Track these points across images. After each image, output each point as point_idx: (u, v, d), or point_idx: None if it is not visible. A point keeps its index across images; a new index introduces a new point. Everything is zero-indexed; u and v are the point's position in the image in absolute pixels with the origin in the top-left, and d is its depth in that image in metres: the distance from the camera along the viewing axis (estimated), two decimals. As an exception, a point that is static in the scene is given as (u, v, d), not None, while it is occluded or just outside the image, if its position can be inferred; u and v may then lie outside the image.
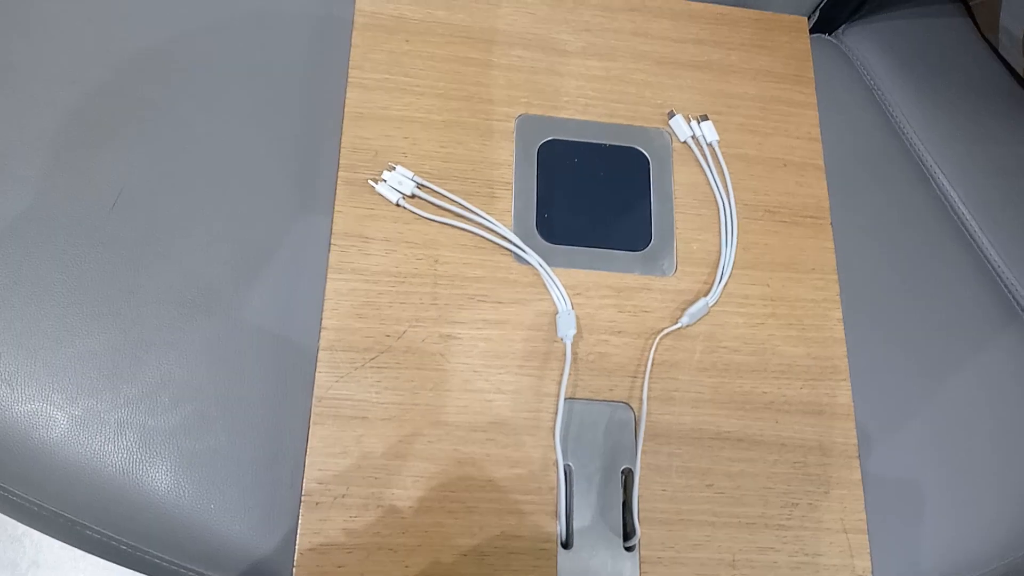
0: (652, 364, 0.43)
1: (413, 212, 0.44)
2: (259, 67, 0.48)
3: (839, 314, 0.46)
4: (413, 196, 0.44)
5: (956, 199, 0.55)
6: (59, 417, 0.41)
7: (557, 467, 0.40)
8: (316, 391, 0.40)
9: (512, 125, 0.47)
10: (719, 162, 0.48)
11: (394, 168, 0.44)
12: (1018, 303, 0.53)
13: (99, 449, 0.41)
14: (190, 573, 0.41)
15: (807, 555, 0.41)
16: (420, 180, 0.44)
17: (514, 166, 0.46)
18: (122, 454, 0.41)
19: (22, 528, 0.80)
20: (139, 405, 0.41)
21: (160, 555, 0.41)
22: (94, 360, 0.42)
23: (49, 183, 0.45)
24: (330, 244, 0.43)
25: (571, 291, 0.44)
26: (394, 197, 0.44)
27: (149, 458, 0.41)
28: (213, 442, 0.41)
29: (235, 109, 0.47)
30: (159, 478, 0.41)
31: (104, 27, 0.48)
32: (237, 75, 0.48)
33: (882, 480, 0.45)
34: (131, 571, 0.44)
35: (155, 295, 0.43)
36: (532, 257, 0.44)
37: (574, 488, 0.40)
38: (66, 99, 0.46)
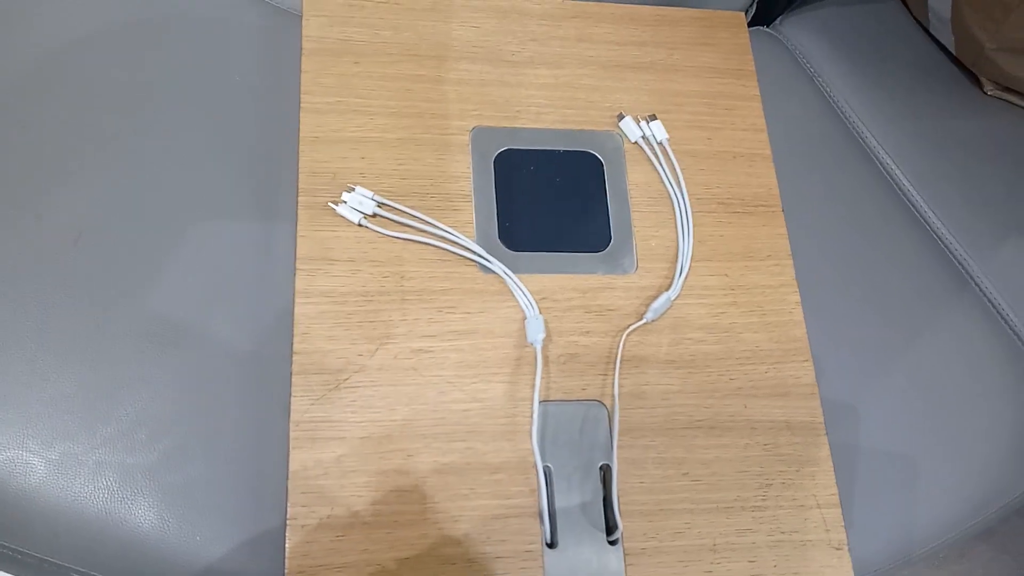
0: (621, 361, 0.44)
1: (376, 231, 0.44)
2: (213, 96, 0.49)
3: (797, 297, 0.48)
4: (375, 215, 0.45)
5: (900, 176, 0.57)
6: (36, 463, 0.41)
7: (536, 469, 0.41)
8: (293, 415, 0.40)
9: (467, 138, 0.48)
10: (670, 159, 0.49)
11: (353, 189, 0.45)
12: (967, 271, 0.55)
13: (79, 491, 0.41)
14: (182, 606, 0.41)
15: (784, 533, 0.42)
16: (380, 199, 0.45)
17: (472, 178, 0.47)
18: (103, 494, 0.41)
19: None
20: (116, 444, 0.42)
21: (150, 592, 0.41)
22: (67, 402, 0.42)
23: (7, 225, 0.44)
24: (295, 269, 0.43)
25: (537, 296, 0.45)
26: (355, 218, 0.44)
27: (131, 496, 0.41)
28: (194, 473, 0.42)
29: (191, 140, 0.48)
30: (142, 515, 0.41)
31: (53, 62, 0.48)
32: (191, 106, 0.48)
33: (850, 454, 0.47)
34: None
35: (123, 331, 0.43)
36: (497, 266, 0.44)
37: (555, 488, 0.41)
38: (16, 138, 0.46)
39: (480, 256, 0.45)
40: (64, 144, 0.47)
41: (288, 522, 0.39)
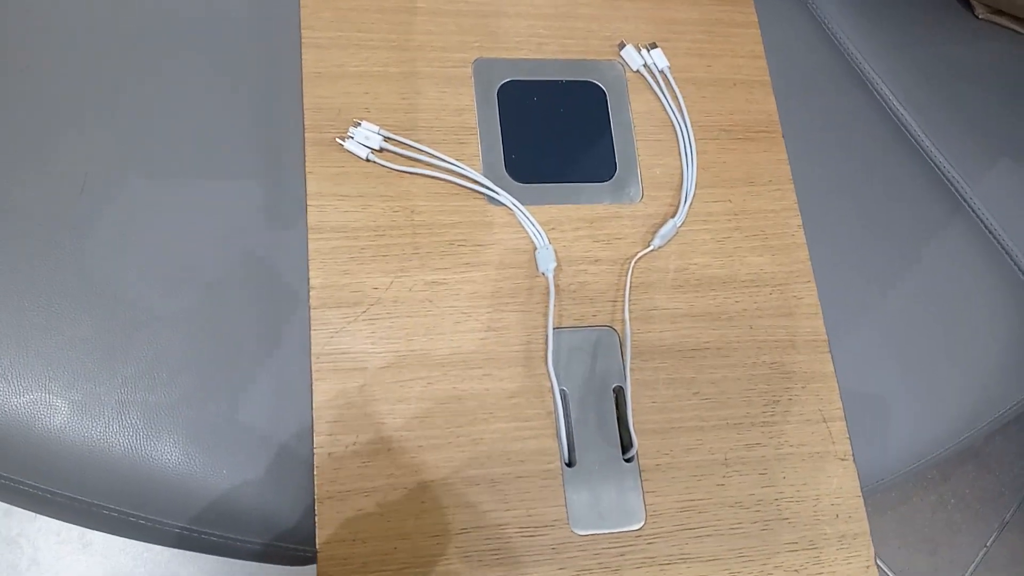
0: (630, 287, 0.45)
1: (384, 166, 0.45)
2: (212, 35, 0.48)
3: (799, 221, 0.49)
4: (382, 150, 0.45)
5: (894, 100, 0.58)
6: (59, 404, 0.42)
7: (553, 393, 0.42)
8: (314, 348, 0.41)
9: (469, 70, 0.48)
10: (672, 87, 0.50)
11: (359, 124, 0.45)
12: (959, 193, 0.56)
13: (104, 431, 0.42)
14: (212, 538, 0.43)
15: (792, 446, 0.44)
16: (387, 133, 0.45)
17: (476, 111, 0.47)
18: (128, 432, 0.42)
19: (17, 529, 0.80)
20: (138, 383, 0.42)
21: (180, 525, 0.42)
22: (86, 345, 0.42)
23: (12, 174, 0.44)
24: (306, 205, 0.43)
25: (546, 226, 0.45)
26: (363, 153, 0.44)
27: (155, 433, 0.42)
28: (216, 409, 0.42)
29: (192, 80, 0.47)
30: (167, 451, 0.42)
31: (52, 7, 0.47)
32: (191, 46, 0.48)
33: (852, 371, 0.48)
34: (134, 556, 0.44)
35: (137, 273, 0.44)
36: (505, 198, 0.45)
37: (571, 411, 0.43)
38: (18, 86, 0.46)
39: (488, 188, 0.45)
40: (63, 92, 0.46)
41: (315, 451, 0.40)
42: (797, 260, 0.48)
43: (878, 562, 0.93)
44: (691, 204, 0.47)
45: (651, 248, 0.46)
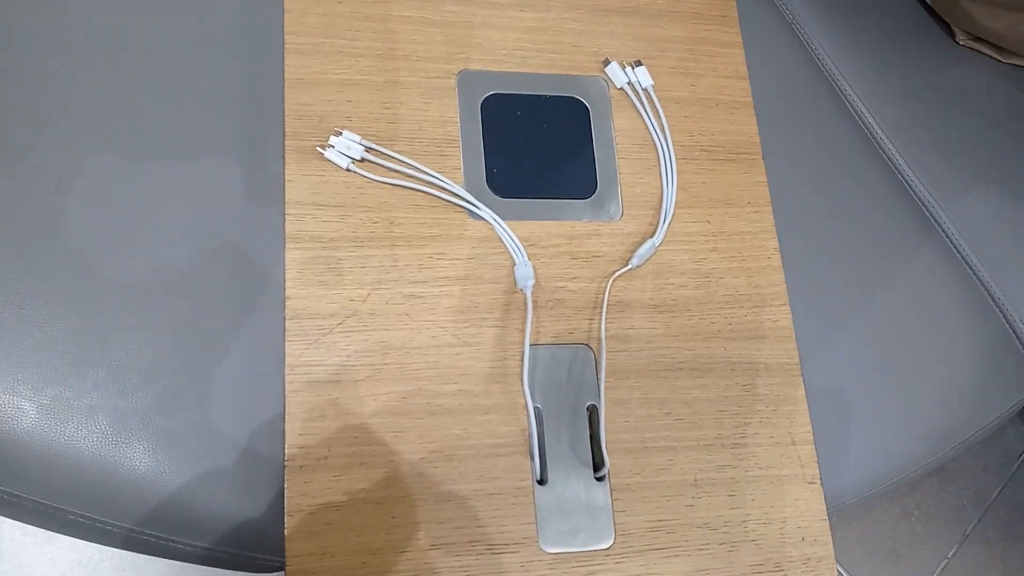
0: (607, 305, 0.45)
1: (364, 176, 0.44)
2: (194, 37, 0.48)
3: (775, 243, 0.49)
4: (363, 160, 0.45)
5: (874, 124, 0.58)
6: (27, 407, 0.41)
7: (527, 410, 0.42)
8: (288, 359, 0.41)
9: (453, 82, 0.48)
10: (655, 106, 0.50)
11: (340, 133, 0.45)
12: (933, 217, 0.57)
13: (72, 435, 0.41)
14: (181, 546, 0.42)
15: (761, 468, 0.45)
16: (368, 143, 0.45)
17: (459, 123, 0.47)
18: (96, 438, 0.41)
19: (-19, 521, 0.79)
20: (108, 388, 0.42)
21: (149, 532, 0.42)
22: (57, 348, 0.42)
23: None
24: (284, 214, 0.43)
25: (525, 242, 0.45)
26: (344, 163, 0.44)
27: (124, 439, 0.41)
28: (188, 417, 0.42)
29: (172, 82, 0.47)
30: (137, 458, 0.41)
31: (27, 10, 0.47)
32: (171, 46, 0.47)
33: (823, 393, 0.49)
34: (100, 548, 0.44)
35: (111, 277, 0.43)
36: (485, 212, 0.45)
37: (545, 428, 0.43)
38: (-8, 84, 0.45)
39: (469, 203, 0.45)
40: (41, 88, 0.45)
41: (286, 463, 0.39)
42: (772, 283, 0.48)
43: (841, 570, 0.95)
44: (670, 224, 0.48)
45: (629, 267, 0.46)
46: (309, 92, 0.45)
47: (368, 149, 0.45)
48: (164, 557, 0.44)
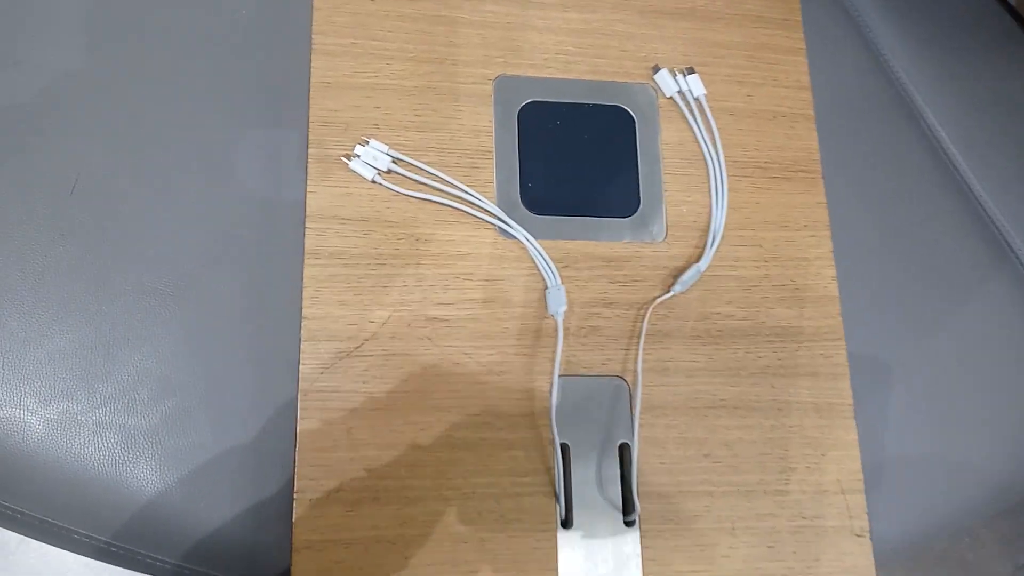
0: (645, 335, 0.42)
1: (391, 188, 0.42)
2: (218, 35, 0.45)
3: (833, 271, 0.45)
4: (389, 171, 0.42)
5: (945, 139, 0.54)
6: (33, 422, 0.40)
7: (553, 446, 0.39)
8: (301, 384, 0.39)
9: (490, 88, 0.44)
10: (707, 118, 0.46)
11: (367, 142, 0.42)
12: (1008, 244, 0.52)
13: (79, 452, 0.40)
14: (185, 571, 0.41)
15: (806, 518, 0.41)
16: (395, 154, 0.42)
17: (494, 133, 0.44)
18: (103, 456, 0.40)
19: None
20: (116, 404, 0.40)
21: (154, 555, 0.40)
22: (65, 360, 0.40)
23: (-1, 172, 0.42)
24: (304, 227, 0.41)
25: (560, 264, 0.42)
26: (369, 174, 0.41)
27: (132, 458, 0.40)
28: (197, 438, 0.40)
29: (194, 81, 0.44)
30: (144, 478, 0.40)
31: (48, 6, 0.45)
32: (194, 45, 0.45)
33: (877, 438, 0.45)
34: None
35: (123, 287, 0.41)
36: (518, 231, 0.42)
37: (572, 467, 0.40)
38: (6, 81, 0.43)
39: (501, 220, 0.42)
40: (56, 88, 0.43)
41: (295, 495, 0.37)
42: (828, 315, 0.44)
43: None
44: (718, 247, 0.44)
45: (671, 293, 0.43)
46: (336, 97, 0.43)
47: (395, 160, 0.42)
48: (170, 579, 0.42)
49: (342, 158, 0.42)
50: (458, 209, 0.42)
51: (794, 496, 0.41)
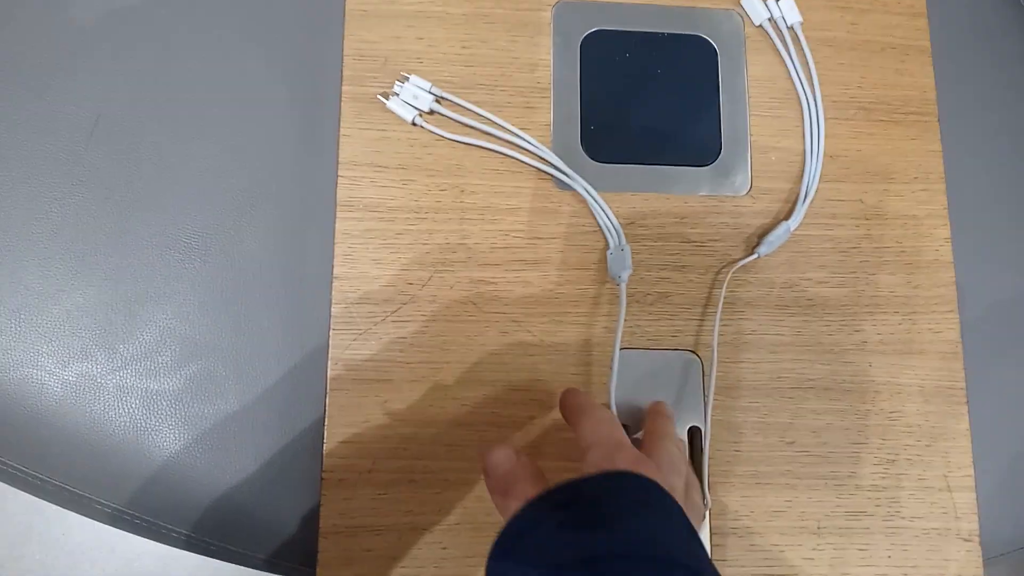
0: (723, 303, 0.36)
1: (433, 132, 0.37)
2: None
3: (947, 232, 0.39)
4: (432, 112, 0.37)
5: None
6: (51, 384, 0.37)
7: (613, 429, 0.35)
8: (332, 351, 0.35)
9: (548, 15, 0.39)
10: (802, 49, 0.39)
11: (407, 79, 0.37)
12: None
13: (99, 416, 0.37)
14: (210, 545, 0.38)
15: (904, 519, 0.36)
16: (439, 92, 0.37)
17: (552, 68, 0.38)
18: (124, 421, 0.37)
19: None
20: (138, 366, 0.37)
21: (175, 528, 0.37)
22: (84, 318, 0.37)
23: (15, 113, 0.38)
24: (337, 175, 0.36)
25: (624, 220, 0.37)
26: (409, 115, 0.37)
27: (155, 425, 0.37)
28: (223, 405, 0.37)
29: (218, 14, 0.40)
30: (167, 446, 0.37)
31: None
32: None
33: (991, 428, 0.39)
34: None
35: (146, 240, 0.38)
36: (577, 182, 0.36)
37: (633, 452, 0.35)
38: (27, 15, 0.39)
39: (557, 169, 0.37)
40: (77, 22, 0.40)
41: (323, 476, 0.34)
42: (940, 283, 0.38)
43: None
44: (811, 202, 0.38)
45: (755, 256, 0.37)
46: (373, 27, 0.38)
47: (439, 99, 0.37)
48: (194, 552, 0.39)
49: (379, 97, 0.37)
50: (509, 156, 0.37)
51: (891, 492, 0.36)
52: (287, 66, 0.39)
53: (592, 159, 0.37)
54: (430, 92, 0.37)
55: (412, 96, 0.37)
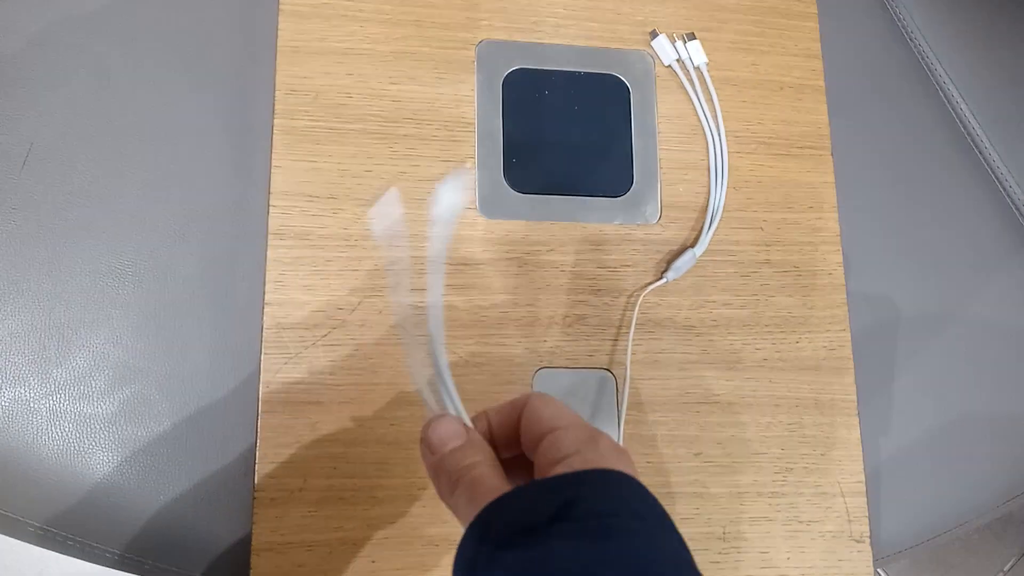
0: (635, 325, 0.39)
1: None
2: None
3: (839, 257, 0.42)
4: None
5: (967, 113, 0.50)
6: (-17, 409, 0.37)
7: (532, 444, 0.37)
8: (263, 375, 0.36)
9: (472, 53, 0.41)
10: (707, 88, 0.43)
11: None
12: (1030, 228, 0.49)
13: (32, 440, 0.37)
14: (144, 564, 0.39)
15: (802, 523, 0.39)
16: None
17: (476, 103, 0.40)
18: (58, 445, 0.37)
19: None
20: (72, 390, 0.38)
21: (109, 549, 0.38)
22: (17, 343, 0.38)
23: (-55, 141, 0.39)
24: (268, 205, 0.38)
25: (545, 246, 0.39)
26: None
27: (88, 448, 0.37)
28: (156, 428, 0.38)
29: (155, 48, 0.41)
30: (100, 469, 0.37)
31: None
32: (152, 9, 0.41)
33: (879, 437, 0.42)
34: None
35: (80, 266, 0.39)
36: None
37: (552, 466, 0.37)
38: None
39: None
40: (11, 49, 0.40)
41: (255, 494, 0.35)
42: (833, 303, 0.41)
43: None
44: (716, 230, 0.41)
45: (664, 280, 0.40)
46: (304, 63, 0.39)
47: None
48: (128, 572, 0.40)
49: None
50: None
51: (790, 499, 0.39)
52: (220, 99, 0.40)
53: (514, 190, 0.40)
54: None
55: (342, 130, 0.38)
